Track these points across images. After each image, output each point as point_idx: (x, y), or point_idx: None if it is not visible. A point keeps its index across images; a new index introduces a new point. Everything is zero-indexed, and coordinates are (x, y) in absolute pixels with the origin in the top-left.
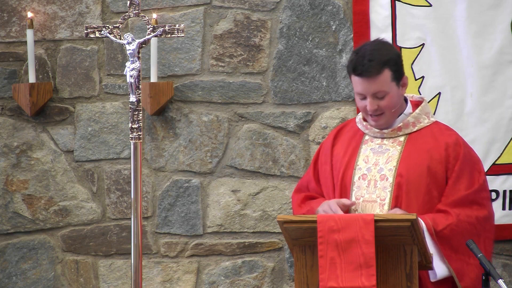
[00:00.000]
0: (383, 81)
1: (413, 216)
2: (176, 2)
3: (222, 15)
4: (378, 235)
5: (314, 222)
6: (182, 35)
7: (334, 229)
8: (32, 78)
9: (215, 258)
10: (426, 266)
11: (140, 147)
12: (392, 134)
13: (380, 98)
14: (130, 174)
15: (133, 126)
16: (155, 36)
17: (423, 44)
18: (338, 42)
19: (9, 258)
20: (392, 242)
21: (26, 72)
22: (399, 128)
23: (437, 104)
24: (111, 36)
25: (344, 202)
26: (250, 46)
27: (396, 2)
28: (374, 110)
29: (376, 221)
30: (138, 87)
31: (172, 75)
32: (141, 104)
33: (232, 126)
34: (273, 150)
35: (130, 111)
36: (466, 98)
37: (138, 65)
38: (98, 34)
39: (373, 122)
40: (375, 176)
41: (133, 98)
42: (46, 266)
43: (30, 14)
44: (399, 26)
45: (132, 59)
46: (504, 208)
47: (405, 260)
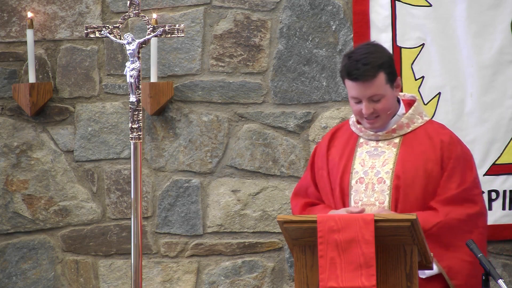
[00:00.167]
0: (379, 84)
1: (413, 216)
2: (176, 2)
3: (222, 15)
4: (378, 235)
5: (314, 222)
6: (182, 35)
7: (334, 229)
8: (32, 78)
9: (215, 258)
10: (426, 266)
11: (140, 147)
12: (386, 136)
13: (375, 101)
14: (130, 174)
15: (133, 126)
16: (155, 36)
17: (423, 44)
18: (338, 42)
19: (9, 258)
20: (392, 242)
21: (26, 72)
22: (394, 130)
23: (437, 104)
24: (111, 36)
25: (352, 210)
26: (250, 46)
27: (396, 2)
28: (370, 114)
29: (376, 221)
30: (138, 87)
31: (172, 75)
32: (141, 104)
33: (232, 126)
34: (273, 150)
35: (130, 111)
36: (466, 98)
37: (138, 65)
38: (98, 34)
39: (368, 125)
40: (373, 179)
41: (133, 98)
42: (46, 266)
43: (30, 14)
44: (399, 26)
45: (132, 59)
46: (504, 208)
47: (405, 260)
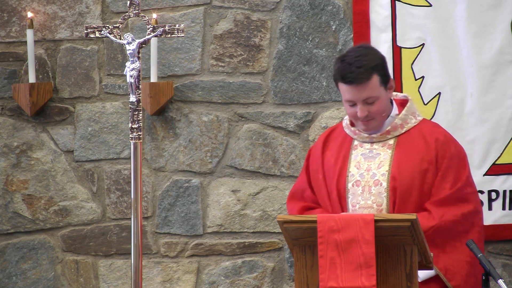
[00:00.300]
0: (373, 86)
1: (413, 216)
2: (176, 2)
3: (222, 15)
4: (378, 235)
5: (314, 222)
6: (182, 35)
7: (334, 229)
8: (32, 78)
9: (215, 258)
10: (426, 266)
11: (140, 147)
12: (381, 138)
13: (370, 103)
14: (130, 174)
15: (133, 126)
16: (155, 36)
17: (423, 44)
18: (338, 42)
19: (9, 258)
20: (392, 242)
21: (26, 72)
22: (388, 131)
23: (437, 104)
24: (111, 36)
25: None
26: (250, 46)
27: (396, 2)
28: (365, 116)
29: (376, 221)
30: (138, 87)
31: (172, 75)
32: (141, 104)
33: (232, 126)
34: (273, 150)
35: (130, 111)
36: (466, 98)
37: (138, 65)
38: (98, 34)
39: (363, 126)
40: (369, 182)
41: (133, 98)
42: (46, 266)
43: (30, 14)
44: (399, 26)
45: (132, 59)
46: (504, 208)
47: (405, 260)
